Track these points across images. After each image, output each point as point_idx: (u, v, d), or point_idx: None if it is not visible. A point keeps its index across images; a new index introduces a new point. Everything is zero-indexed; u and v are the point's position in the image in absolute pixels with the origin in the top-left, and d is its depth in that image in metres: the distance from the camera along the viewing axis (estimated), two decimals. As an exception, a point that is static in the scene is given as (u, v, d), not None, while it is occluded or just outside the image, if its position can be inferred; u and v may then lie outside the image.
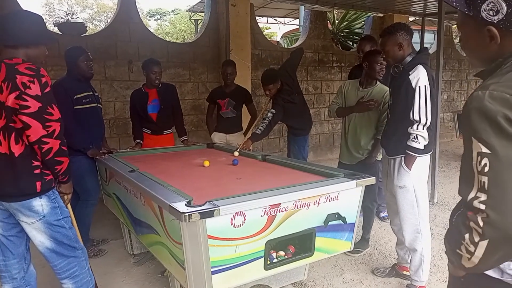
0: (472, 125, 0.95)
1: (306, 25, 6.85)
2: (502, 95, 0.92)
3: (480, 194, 0.94)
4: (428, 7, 6.69)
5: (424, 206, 2.58)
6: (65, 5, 24.10)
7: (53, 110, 1.88)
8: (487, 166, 0.92)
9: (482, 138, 0.93)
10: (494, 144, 0.91)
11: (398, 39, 2.50)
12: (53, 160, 1.92)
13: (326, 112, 7.08)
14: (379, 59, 2.92)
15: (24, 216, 1.95)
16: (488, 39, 1.02)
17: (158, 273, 2.94)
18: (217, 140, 4.16)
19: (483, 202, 0.93)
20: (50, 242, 2.02)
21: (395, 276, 2.88)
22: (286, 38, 11.82)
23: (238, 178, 2.57)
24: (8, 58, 1.88)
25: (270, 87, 3.70)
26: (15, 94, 1.80)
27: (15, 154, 1.87)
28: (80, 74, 3.11)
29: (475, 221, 0.95)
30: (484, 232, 0.93)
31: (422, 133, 2.42)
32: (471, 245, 0.97)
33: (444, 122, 8.73)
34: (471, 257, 0.97)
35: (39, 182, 1.93)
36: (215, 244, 1.80)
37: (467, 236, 0.98)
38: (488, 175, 0.92)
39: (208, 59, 5.74)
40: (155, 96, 3.75)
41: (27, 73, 1.83)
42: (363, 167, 3.00)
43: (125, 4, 5.11)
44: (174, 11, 27.42)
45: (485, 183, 0.93)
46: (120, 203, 2.83)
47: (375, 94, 3.06)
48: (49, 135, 1.86)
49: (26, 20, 1.96)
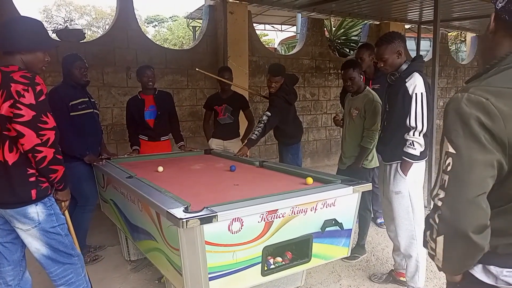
0: (446, 125, 0.98)
1: (303, 32, 6.90)
2: (478, 98, 0.93)
3: (440, 192, 0.97)
4: (424, 15, 6.76)
5: (419, 212, 2.59)
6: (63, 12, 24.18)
7: (47, 119, 1.87)
8: (450, 165, 0.95)
9: (451, 139, 0.96)
10: (460, 145, 0.94)
11: (397, 47, 2.55)
12: (48, 168, 1.91)
13: (324, 118, 7.13)
14: (347, 75, 3.09)
15: (19, 223, 1.94)
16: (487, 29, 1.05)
17: (155, 279, 2.93)
18: (214, 146, 4.17)
19: (441, 199, 0.97)
20: (46, 249, 2.01)
21: (392, 282, 2.88)
22: (283, 45, 11.89)
23: (235, 184, 2.57)
24: (4, 66, 1.87)
25: (277, 79, 3.70)
26: (9, 103, 1.79)
27: (8, 163, 1.86)
28: (74, 81, 3.12)
29: (433, 218, 0.98)
30: (439, 228, 0.96)
31: (419, 139, 2.44)
32: (432, 242, 1.00)
33: (440, 128, 8.72)
34: (435, 254, 1.00)
35: (34, 190, 1.92)
36: (213, 250, 1.80)
37: (428, 233, 1.01)
38: (449, 174, 0.95)
39: (206, 65, 5.74)
40: (151, 102, 3.76)
41: (22, 81, 1.81)
42: (350, 172, 3.04)
43: (123, 10, 5.14)
44: (172, 17, 27.54)
45: (445, 181, 0.96)
46: (117, 209, 2.83)
47: (357, 102, 3.14)
48: (43, 143, 1.85)
49: (22, 26, 1.94)
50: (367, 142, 3.04)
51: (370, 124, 3.02)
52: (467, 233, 0.92)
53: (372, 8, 6.36)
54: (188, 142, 5.68)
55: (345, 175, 2.75)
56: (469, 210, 0.93)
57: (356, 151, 3.12)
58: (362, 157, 3.10)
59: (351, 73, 3.07)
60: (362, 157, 3.10)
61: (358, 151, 3.11)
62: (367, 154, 3.11)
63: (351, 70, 3.07)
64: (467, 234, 0.92)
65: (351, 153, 3.17)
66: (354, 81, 3.08)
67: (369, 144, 3.03)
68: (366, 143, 3.04)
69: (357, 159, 3.11)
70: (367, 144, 3.04)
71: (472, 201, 0.93)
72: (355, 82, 3.09)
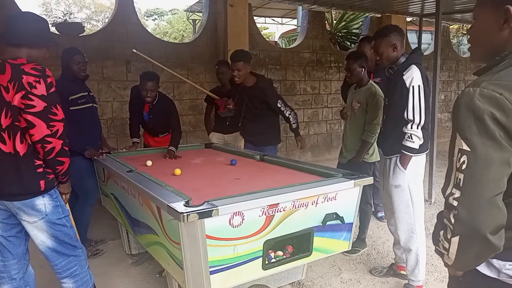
0: (459, 121, 0.95)
1: (304, 26, 6.86)
2: (492, 93, 0.91)
3: (455, 191, 0.95)
4: (426, 7, 6.71)
5: (419, 206, 2.59)
6: (62, 5, 24.06)
7: (57, 110, 1.91)
8: (465, 164, 0.92)
9: (465, 135, 0.93)
10: (475, 142, 0.91)
11: (392, 40, 2.54)
12: (55, 160, 1.94)
13: (325, 112, 7.11)
14: (347, 65, 3.13)
15: (26, 215, 1.96)
16: (502, 21, 1.00)
17: (156, 273, 2.94)
18: (215, 140, 4.16)
19: (456, 199, 0.94)
20: (51, 241, 2.03)
21: (393, 276, 2.89)
22: (284, 38, 11.84)
23: (236, 178, 2.57)
24: (12, 58, 1.89)
25: (239, 65, 3.32)
26: (21, 94, 1.82)
27: (20, 153, 1.88)
28: (73, 75, 3.10)
29: (448, 218, 0.96)
30: (455, 229, 0.94)
31: (417, 132, 2.44)
32: (446, 242, 0.98)
33: (441, 122, 8.75)
34: (448, 254, 0.99)
35: (43, 180, 1.94)
36: (214, 244, 1.80)
37: (442, 233, 0.99)
38: (465, 172, 0.93)
39: (206, 59, 5.73)
40: (147, 108, 3.63)
41: (33, 73, 1.85)
42: (350, 166, 3.03)
43: (123, 4, 5.10)
44: (172, 11, 27.40)
45: (460, 180, 0.93)
46: (118, 204, 2.83)
47: (359, 95, 3.13)
48: (52, 134, 1.88)
49: (32, 21, 2.00)
50: (369, 136, 3.03)
51: (372, 118, 3.01)
52: (485, 234, 0.90)
53: (373, 1, 6.31)
54: (188, 136, 5.69)
55: (346, 168, 2.74)
56: (487, 210, 0.90)
57: (357, 145, 3.12)
58: (363, 151, 3.09)
59: (351, 64, 3.08)
60: (363, 151, 3.09)
61: (359, 145, 3.11)
62: (368, 148, 3.11)
63: (351, 61, 3.08)
64: (485, 236, 0.90)
65: (352, 147, 3.17)
66: (353, 72, 3.09)
67: (370, 138, 3.02)
68: (368, 136, 3.03)
69: (358, 153, 3.10)
70: (368, 138, 3.04)
71: (490, 201, 0.90)
72: (354, 74, 3.09)
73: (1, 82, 1.85)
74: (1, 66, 1.86)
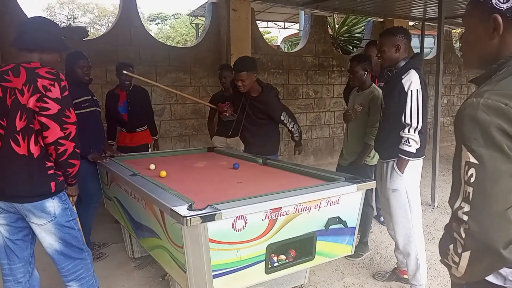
0: (464, 133, 0.92)
1: (307, 30, 6.88)
2: (497, 104, 0.88)
3: (464, 204, 0.92)
4: (428, 12, 6.72)
5: (417, 210, 2.59)
6: (66, 9, 24.23)
7: (70, 113, 1.94)
8: (473, 177, 0.90)
9: (472, 148, 0.90)
10: (483, 155, 0.88)
11: (397, 41, 2.54)
12: (67, 162, 1.96)
13: (327, 116, 7.12)
14: (350, 67, 3.17)
15: (35, 217, 1.96)
16: (491, 30, 0.98)
17: (159, 277, 2.94)
18: (217, 144, 4.17)
19: (466, 213, 0.92)
20: (59, 244, 2.03)
21: (396, 280, 2.88)
22: (286, 43, 11.84)
23: (239, 182, 2.57)
24: (26, 62, 1.92)
25: (243, 75, 3.13)
26: (36, 97, 1.85)
27: (34, 155, 1.90)
28: (77, 79, 3.12)
29: (458, 232, 0.94)
30: (466, 244, 0.92)
31: (414, 136, 2.44)
32: (455, 256, 0.96)
33: (444, 126, 8.74)
34: (457, 267, 0.97)
35: (53, 182, 1.96)
36: (217, 248, 1.80)
37: (452, 247, 0.97)
38: (474, 186, 0.90)
39: (209, 63, 5.75)
40: (124, 98, 3.90)
41: (48, 76, 1.88)
42: (351, 169, 3.04)
43: (126, 8, 5.14)
44: (175, 15, 27.54)
45: (470, 193, 0.91)
46: (121, 207, 2.83)
47: (362, 98, 3.14)
48: (65, 137, 1.91)
49: (46, 26, 2.04)
50: (370, 139, 3.03)
51: (374, 121, 3.02)
52: (498, 249, 0.88)
53: (376, 5, 6.32)
54: (191, 140, 5.70)
55: (347, 171, 2.75)
56: (499, 225, 0.88)
57: (359, 148, 3.12)
58: (364, 154, 3.10)
59: (354, 66, 3.12)
60: (365, 154, 3.10)
61: (361, 148, 3.11)
62: (369, 151, 3.11)
63: (354, 64, 3.12)
64: (498, 251, 0.88)
65: (353, 149, 3.17)
66: (355, 75, 3.11)
67: (372, 141, 3.03)
68: (370, 139, 3.04)
69: (360, 155, 3.11)
70: (370, 141, 3.04)
71: (502, 215, 0.88)
72: (356, 76, 3.11)
73: (16, 85, 1.87)
74: (16, 70, 1.88)
